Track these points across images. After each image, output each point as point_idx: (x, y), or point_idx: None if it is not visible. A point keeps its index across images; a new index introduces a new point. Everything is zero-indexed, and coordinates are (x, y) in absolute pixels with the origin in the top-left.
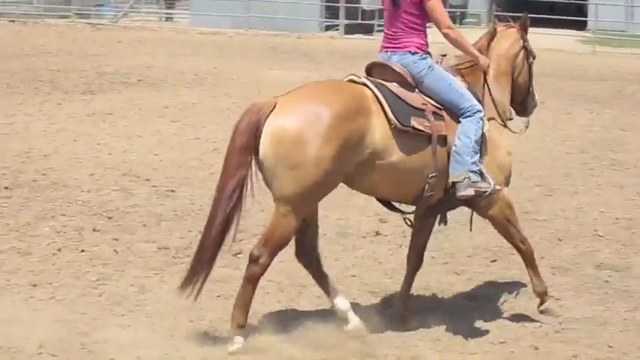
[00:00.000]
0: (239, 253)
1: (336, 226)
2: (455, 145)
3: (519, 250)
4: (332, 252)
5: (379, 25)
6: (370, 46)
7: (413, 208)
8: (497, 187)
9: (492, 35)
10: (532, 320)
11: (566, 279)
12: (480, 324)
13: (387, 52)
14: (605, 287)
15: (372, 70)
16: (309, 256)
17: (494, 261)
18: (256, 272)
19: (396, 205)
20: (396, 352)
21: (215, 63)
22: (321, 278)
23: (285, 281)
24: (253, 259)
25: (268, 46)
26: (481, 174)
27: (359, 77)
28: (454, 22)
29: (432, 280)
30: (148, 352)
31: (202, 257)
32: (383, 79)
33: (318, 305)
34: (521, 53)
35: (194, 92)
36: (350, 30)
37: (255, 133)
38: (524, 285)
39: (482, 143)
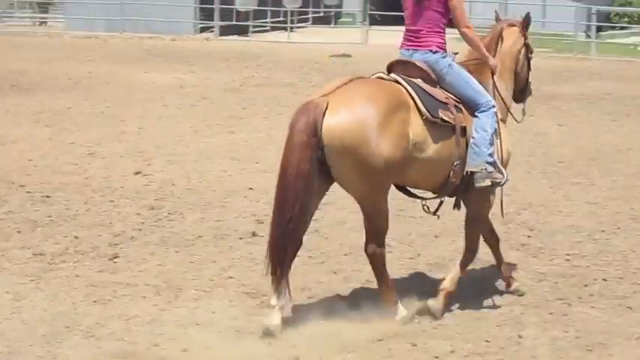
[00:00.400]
0: (115, 258)
1: (212, 228)
2: (473, 138)
3: (467, 245)
4: (208, 254)
5: (254, 26)
6: (245, 47)
7: (429, 194)
8: (509, 179)
9: (499, 36)
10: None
11: (442, 274)
12: (357, 322)
13: (408, 49)
14: (481, 282)
15: (394, 67)
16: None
17: None
18: (380, 262)
19: (415, 192)
20: (275, 351)
21: (89, 67)
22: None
23: (162, 284)
24: (372, 255)
25: (143, 49)
26: (495, 165)
27: (386, 74)
28: (329, 22)
29: (310, 280)
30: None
31: (279, 258)
32: (406, 76)
33: (195, 308)
34: (523, 50)
35: (68, 96)
36: (225, 31)
37: (314, 132)
38: (401, 283)
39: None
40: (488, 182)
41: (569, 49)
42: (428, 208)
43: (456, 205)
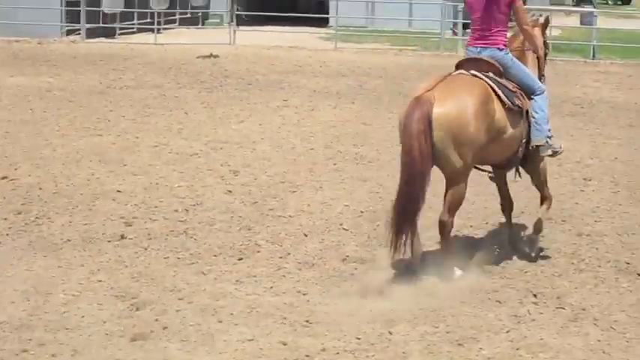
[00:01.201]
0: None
1: (81, 231)
2: (534, 117)
3: (544, 196)
4: (77, 257)
5: (121, 29)
6: (112, 49)
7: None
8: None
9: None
10: (281, 316)
11: (312, 273)
12: (228, 322)
13: (476, 47)
14: (351, 280)
15: (464, 64)
16: None
17: (241, 259)
18: (449, 229)
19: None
20: (142, 355)
21: None
22: None
23: (31, 289)
24: (444, 223)
25: (9, 52)
26: (552, 138)
27: (466, 71)
28: (197, 23)
29: (179, 281)
30: None
31: (406, 221)
32: (477, 70)
33: (65, 312)
34: (543, 45)
35: None
36: (91, 34)
37: (428, 121)
38: (271, 282)
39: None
40: (550, 152)
41: (435, 47)
42: (493, 178)
43: (517, 173)
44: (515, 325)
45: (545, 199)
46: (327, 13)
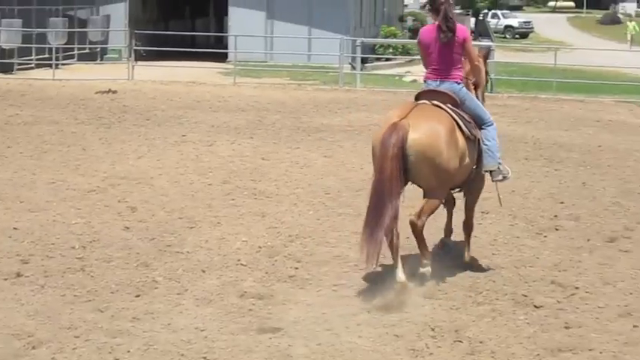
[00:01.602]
0: None
1: None
2: (486, 145)
3: (469, 222)
4: None
5: (19, 64)
6: (10, 85)
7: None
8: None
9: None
10: (178, 353)
11: (210, 310)
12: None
13: (436, 80)
14: (249, 315)
15: (423, 94)
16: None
17: (138, 296)
18: (419, 230)
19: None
20: None
21: None
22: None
23: None
24: (414, 224)
25: None
26: (502, 164)
27: (429, 101)
28: (95, 58)
29: (76, 319)
30: None
31: (376, 237)
32: (437, 101)
33: None
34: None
35: None
36: None
37: (402, 145)
38: (169, 319)
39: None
40: (501, 177)
41: (334, 81)
42: (453, 196)
43: (464, 194)
44: (414, 359)
45: (469, 220)
46: (226, 48)
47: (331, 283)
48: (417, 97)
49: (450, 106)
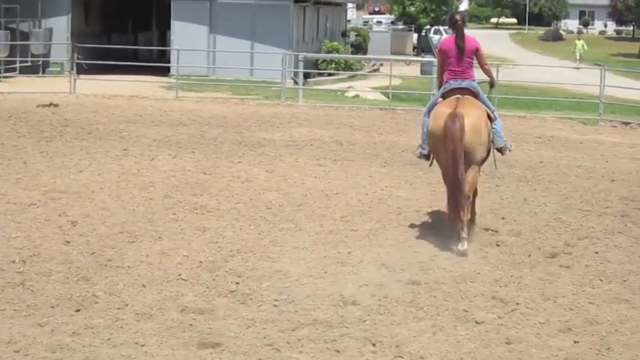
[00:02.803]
0: None
1: None
2: (494, 128)
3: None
4: None
5: None
6: None
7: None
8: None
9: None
10: None
11: (150, 324)
12: None
13: (457, 80)
14: (189, 330)
15: (451, 92)
16: None
17: (78, 310)
18: (468, 202)
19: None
20: None
21: None
22: None
23: None
24: (467, 197)
25: None
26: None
27: (461, 95)
28: (37, 72)
29: (15, 333)
30: None
31: (458, 201)
32: (461, 95)
33: None
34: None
35: None
36: None
37: (463, 129)
38: (109, 333)
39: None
40: (507, 151)
41: (277, 96)
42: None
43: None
44: None
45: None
46: (169, 62)
47: (272, 298)
48: (445, 95)
49: (473, 97)
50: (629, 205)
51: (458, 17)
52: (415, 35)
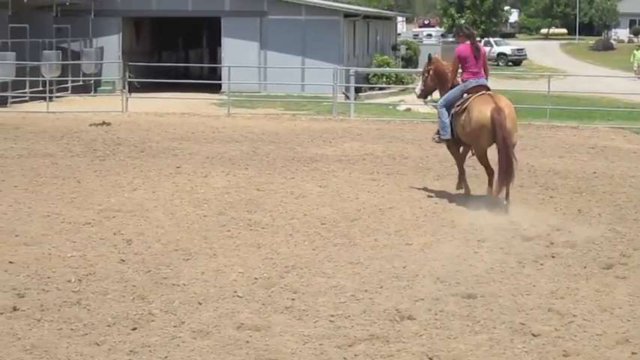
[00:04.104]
0: None
1: None
2: None
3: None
4: None
5: (13, 97)
6: (4, 118)
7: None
8: None
9: None
10: None
11: (207, 342)
12: None
13: (478, 79)
14: (246, 347)
15: (476, 88)
16: None
17: (135, 329)
18: (483, 159)
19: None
20: None
21: None
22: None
23: None
24: (481, 161)
25: None
26: None
27: (485, 91)
28: (89, 91)
29: (72, 352)
30: None
31: (510, 175)
32: (481, 90)
33: None
34: None
35: None
36: None
37: (505, 118)
38: (166, 352)
39: None
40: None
41: (328, 111)
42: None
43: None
44: None
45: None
46: (220, 79)
47: (328, 314)
48: (470, 91)
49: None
50: None
51: (470, 29)
52: None
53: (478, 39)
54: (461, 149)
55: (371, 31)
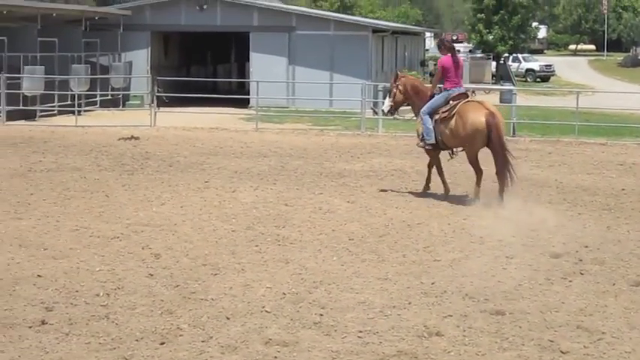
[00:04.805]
0: None
1: (1, 317)
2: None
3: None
4: None
5: (41, 111)
6: (33, 131)
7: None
8: None
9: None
10: None
11: (235, 357)
12: None
13: (458, 87)
14: None
15: (459, 96)
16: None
17: (163, 344)
18: (474, 161)
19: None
20: None
21: None
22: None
23: None
24: (473, 163)
25: None
26: None
27: (462, 98)
28: (118, 105)
29: None
30: None
31: (509, 172)
32: (462, 98)
33: None
34: None
35: None
36: (11, 116)
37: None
38: None
39: None
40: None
41: (356, 127)
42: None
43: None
44: None
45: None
46: (248, 94)
47: (357, 330)
48: (454, 98)
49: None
50: None
51: (451, 42)
52: (493, 63)
53: (506, 55)
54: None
55: (399, 46)
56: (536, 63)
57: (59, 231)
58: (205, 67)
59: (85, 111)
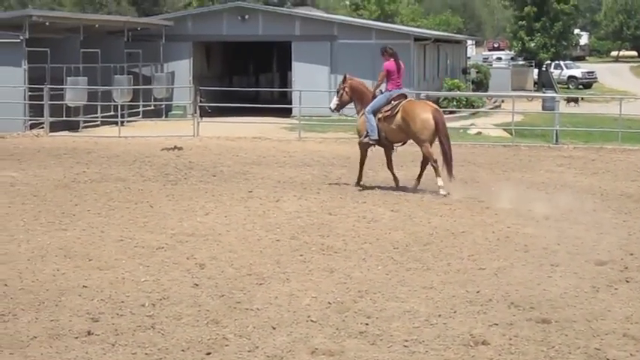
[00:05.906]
0: None
1: (47, 327)
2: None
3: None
4: (44, 354)
5: (85, 122)
6: (76, 142)
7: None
8: None
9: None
10: None
11: None
12: None
13: (400, 88)
14: None
15: (399, 97)
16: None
17: (209, 354)
18: (430, 152)
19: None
20: None
21: None
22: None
23: None
24: (429, 154)
25: None
26: None
27: (403, 98)
28: (160, 115)
29: None
30: None
31: (450, 159)
32: (406, 97)
33: None
34: None
35: None
36: (55, 127)
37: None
38: None
39: None
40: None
41: None
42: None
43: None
44: None
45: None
46: (290, 103)
47: (402, 339)
48: (395, 99)
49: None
50: None
51: (393, 50)
52: (535, 71)
53: (548, 62)
54: (370, 150)
55: (441, 54)
56: (578, 70)
57: (104, 241)
58: (247, 76)
59: (127, 121)
